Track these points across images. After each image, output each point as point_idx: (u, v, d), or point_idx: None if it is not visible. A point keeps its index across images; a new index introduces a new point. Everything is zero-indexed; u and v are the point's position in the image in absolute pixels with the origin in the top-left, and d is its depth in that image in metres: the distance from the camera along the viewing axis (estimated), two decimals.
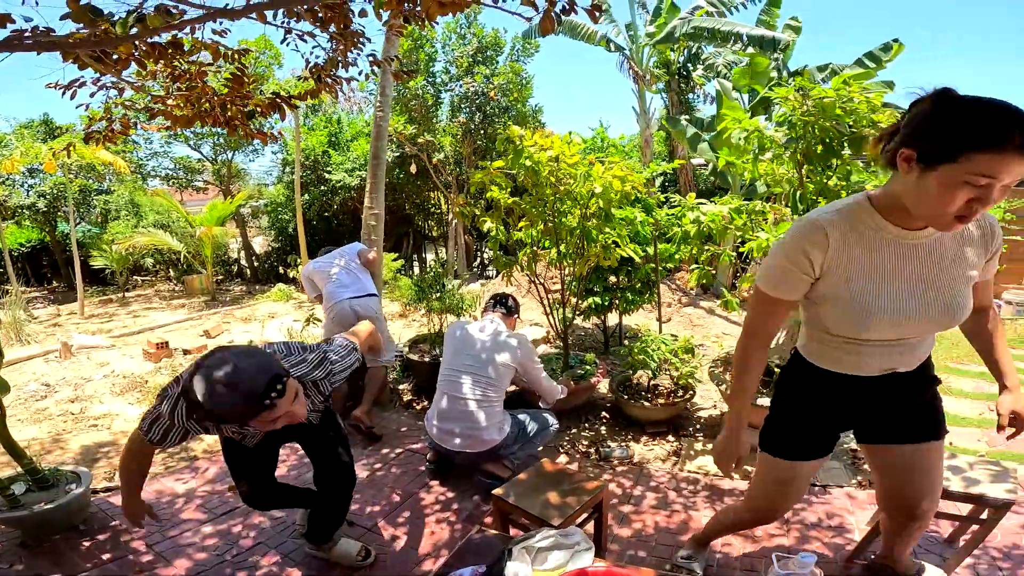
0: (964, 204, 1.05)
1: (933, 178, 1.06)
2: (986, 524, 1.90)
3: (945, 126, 1.04)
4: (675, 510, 2.55)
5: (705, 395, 3.73)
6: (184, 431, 1.65)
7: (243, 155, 12.29)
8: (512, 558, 1.37)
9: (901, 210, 1.20)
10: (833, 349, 1.41)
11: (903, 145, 1.12)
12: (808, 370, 1.51)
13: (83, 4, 1.87)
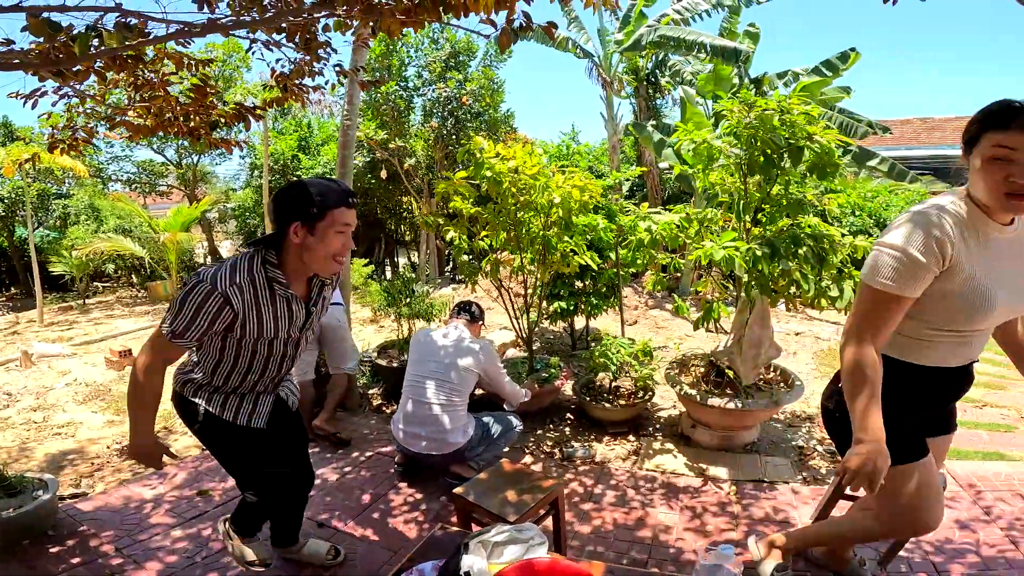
0: (1003, 179, 1.27)
1: (976, 158, 1.32)
2: None
3: (975, 119, 1.33)
4: (633, 507, 2.67)
5: (665, 396, 3.88)
6: (221, 304, 1.54)
7: (209, 159, 12.11)
8: (468, 552, 1.46)
9: (985, 206, 1.36)
10: (928, 343, 1.46)
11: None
12: (898, 368, 1.50)
13: (42, 19, 1.89)
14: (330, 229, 1.56)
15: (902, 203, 8.55)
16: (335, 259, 1.61)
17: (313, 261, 1.61)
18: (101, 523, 2.62)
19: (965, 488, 2.71)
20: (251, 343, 1.67)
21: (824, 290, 2.53)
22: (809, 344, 5.63)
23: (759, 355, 2.86)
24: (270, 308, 1.63)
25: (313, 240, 1.56)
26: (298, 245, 1.57)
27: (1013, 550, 2.22)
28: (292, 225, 1.55)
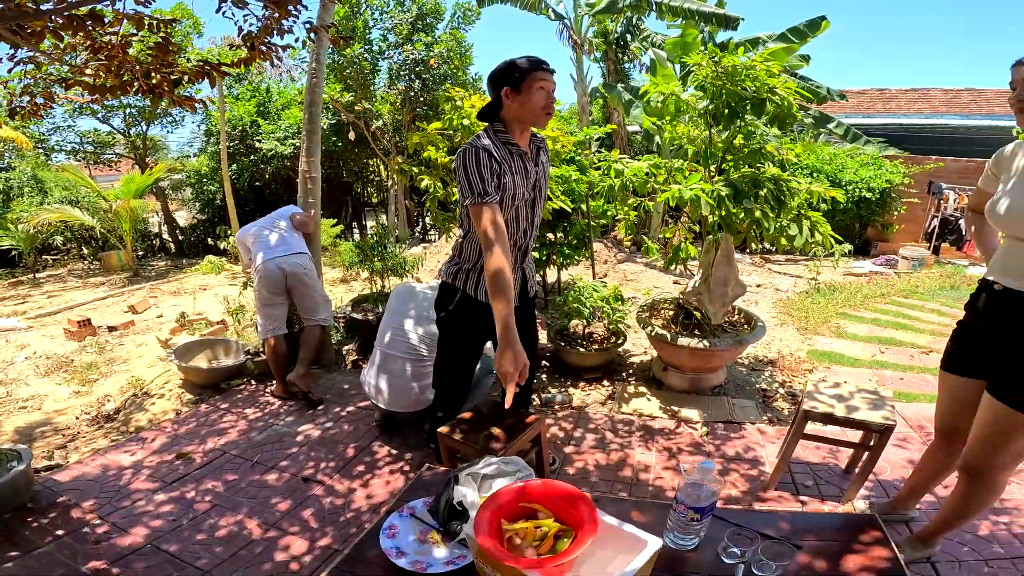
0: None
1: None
2: (873, 450, 2.16)
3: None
4: (612, 449, 2.80)
5: (637, 343, 4.01)
6: (488, 156, 1.82)
7: (160, 126, 11.53)
8: (459, 483, 1.52)
9: None
10: None
11: None
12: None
13: None
14: (532, 86, 1.84)
15: (856, 165, 8.86)
16: (545, 111, 1.88)
17: (527, 114, 1.87)
18: (81, 492, 2.59)
19: (916, 429, 2.91)
20: (508, 206, 1.92)
21: (783, 229, 2.66)
22: (769, 295, 5.88)
23: (726, 293, 3.00)
24: (510, 164, 1.90)
25: (523, 98, 1.85)
26: (512, 106, 1.87)
27: None
28: (504, 90, 1.86)
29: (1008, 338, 1.59)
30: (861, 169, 8.82)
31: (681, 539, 1.30)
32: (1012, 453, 1.61)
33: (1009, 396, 1.56)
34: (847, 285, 6.20)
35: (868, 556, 1.24)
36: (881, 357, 3.94)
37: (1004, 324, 1.60)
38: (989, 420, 1.61)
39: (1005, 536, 2.06)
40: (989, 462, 1.65)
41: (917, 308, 5.27)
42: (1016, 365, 1.55)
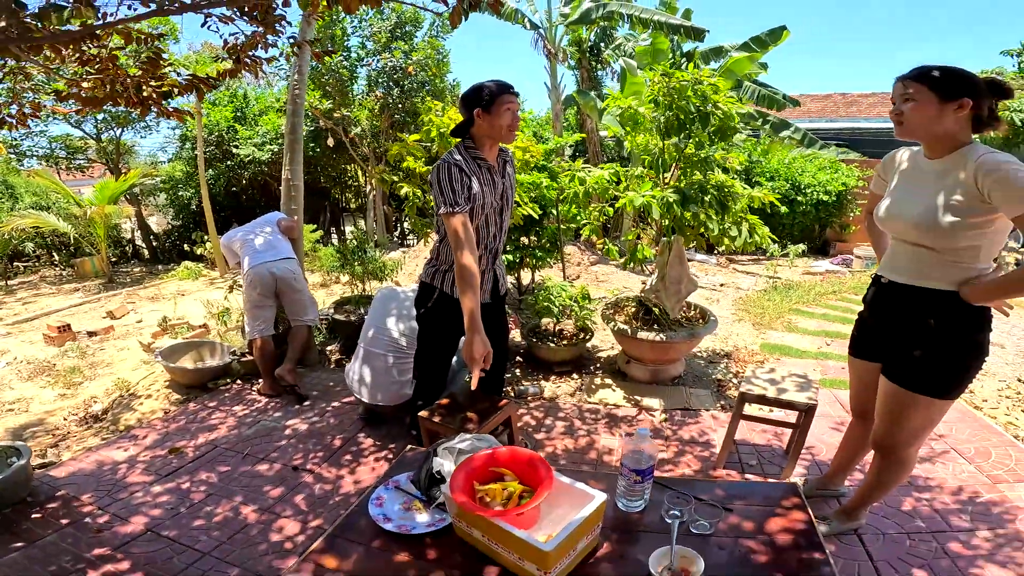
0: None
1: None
2: (800, 428, 2.43)
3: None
4: (580, 435, 3.05)
5: (604, 340, 4.29)
6: (459, 170, 2.07)
7: (133, 132, 11.45)
8: (438, 455, 1.74)
9: None
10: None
11: None
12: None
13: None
14: (500, 107, 2.07)
15: (814, 169, 9.32)
16: (510, 129, 2.12)
17: (496, 132, 2.11)
18: (79, 486, 2.70)
19: (851, 414, 3.20)
20: (478, 214, 2.16)
21: (726, 230, 2.96)
22: (731, 294, 6.24)
23: (680, 290, 3.30)
24: (479, 177, 2.14)
25: (492, 118, 2.08)
26: (483, 124, 2.10)
27: None
28: (475, 110, 2.09)
29: (893, 325, 1.80)
30: (819, 173, 9.29)
31: (629, 502, 1.55)
32: (910, 430, 1.80)
33: (899, 377, 1.77)
34: (803, 283, 6.59)
35: (788, 518, 1.48)
36: (827, 349, 4.27)
37: (889, 313, 1.82)
38: (886, 400, 1.82)
39: (927, 511, 2.30)
40: (892, 439, 1.84)
41: None
42: (902, 349, 1.77)
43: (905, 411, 1.78)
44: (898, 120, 1.66)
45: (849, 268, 8.05)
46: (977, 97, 1.57)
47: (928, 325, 1.71)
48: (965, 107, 1.56)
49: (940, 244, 1.63)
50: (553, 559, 1.18)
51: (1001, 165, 1.49)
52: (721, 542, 1.40)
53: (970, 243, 1.61)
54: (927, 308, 1.70)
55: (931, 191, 1.64)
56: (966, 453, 2.74)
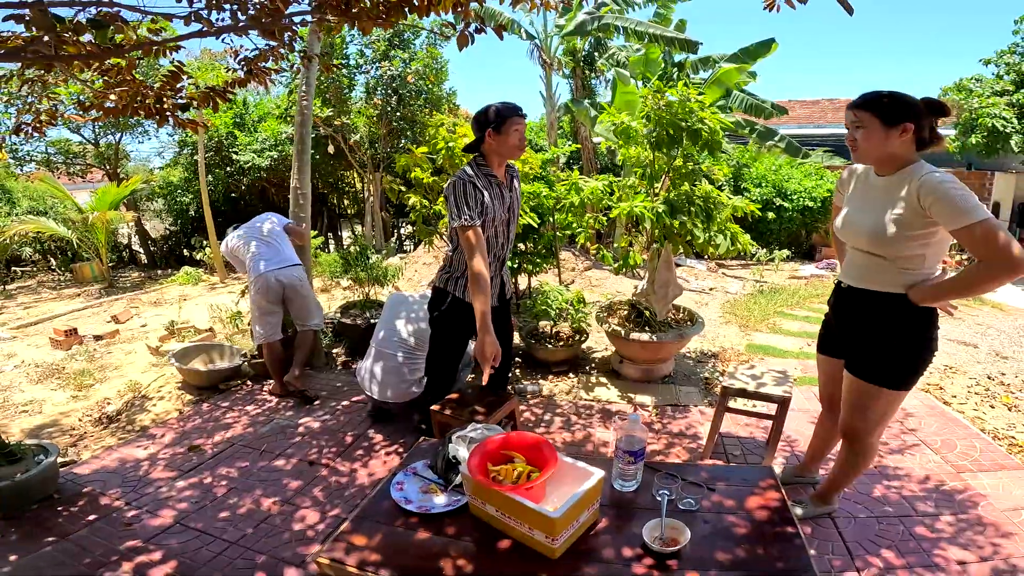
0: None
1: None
2: (776, 419, 2.65)
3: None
4: (576, 429, 3.25)
5: (599, 341, 4.50)
6: (472, 186, 2.26)
7: (131, 137, 11.56)
8: (452, 443, 1.92)
9: None
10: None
11: None
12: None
13: (46, 11, 2.09)
14: (509, 128, 2.28)
15: (800, 175, 9.60)
16: (518, 148, 2.33)
17: (505, 151, 2.32)
18: (104, 483, 2.82)
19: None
20: (488, 226, 2.36)
21: (711, 239, 3.18)
22: (720, 297, 6.49)
23: (668, 293, 3.53)
24: (489, 192, 2.32)
25: (502, 138, 2.28)
26: (493, 143, 2.30)
27: (877, 460, 2.76)
28: (487, 131, 2.29)
29: (853, 325, 1.99)
30: (805, 179, 9.57)
31: (624, 483, 1.75)
32: (872, 419, 1.97)
33: (860, 371, 1.95)
34: (788, 287, 6.84)
35: (764, 497, 1.68)
36: (808, 349, 4.50)
37: (848, 314, 2.01)
38: (849, 392, 2.00)
39: (895, 498, 2.49)
40: (855, 428, 2.01)
41: None
42: (861, 346, 1.95)
43: (866, 402, 1.96)
44: (853, 147, 1.84)
45: (833, 272, 8.32)
46: (918, 120, 1.74)
47: (881, 324, 1.88)
48: (908, 131, 1.74)
49: (889, 253, 1.81)
50: (560, 526, 1.37)
51: (938, 186, 1.66)
52: (705, 517, 1.59)
53: (915, 252, 1.78)
54: (880, 309, 1.88)
55: (880, 205, 1.82)
56: (933, 445, 2.96)
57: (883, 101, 1.76)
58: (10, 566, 2.19)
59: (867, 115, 1.77)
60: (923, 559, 2.09)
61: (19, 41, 2.30)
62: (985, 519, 2.32)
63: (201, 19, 2.51)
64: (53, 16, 2.13)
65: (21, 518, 2.53)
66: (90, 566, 2.18)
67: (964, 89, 9.12)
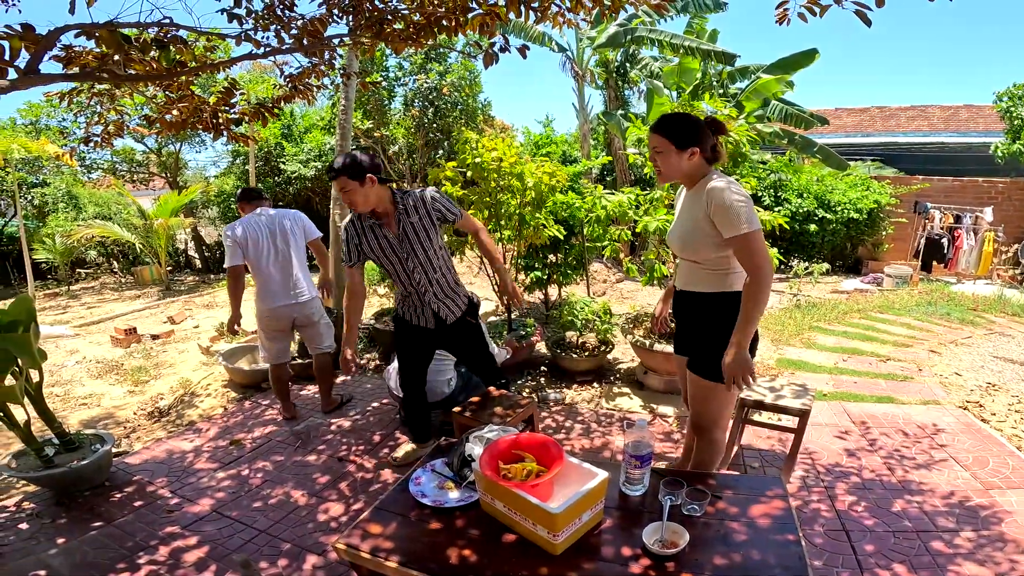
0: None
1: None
2: (797, 431, 2.64)
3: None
4: (595, 436, 3.29)
5: (625, 352, 4.52)
6: (357, 235, 2.50)
7: (189, 147, 12.26)
8: (469, 442, 2.02)
9: None
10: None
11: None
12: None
13: (115, 32, 2.31)
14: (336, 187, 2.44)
15: (844, 187, 9.31)
16: (351, 207, 2.44)
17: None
18: (152, 472, 3.05)
19: (857, 424, 3.34)
20: (380, 262, 2.56)
21: None
22: None
23: None
24: (367, 235, 2.51)
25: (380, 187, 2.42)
26: (374, 188, 2.40)
27: (888, 475, 2.76)
28: (368, 176, 2.36)
29: (686, 324, 2.18)
30: (849, 190, 9.26)
31: (631, 488, 1.80)
32: (711, 412, 2.12)
33: (696, 367, 2.10)
34: (827, 302, 6.65)
35: (768, 506, 1.70)
36: (843, 365, 4.39)
37: (682, 315, 2.20)
38: (691, 388, 2.16)
39: (915, 512, 2.45)
40: (699, 421, 2.16)
41: (888, 322, 5.72)
42: (695, 344, 2.11)
43: (704, 397, 2.11)
44: (657, 170, 2.04)
45: (879, 287, 8.03)
46: (703, 143, 1.95)
47: (705, 322, 2.06)
48: (696, 154, 1.95)
49: (698, 257, 2.01)
50: (561, 522, 1.45)
51: (719, 194, 1.86)
52: (708, 522, 1.63)
53: (719, 254, 1.96)
54: (703, 308, 2.07)
55: (687, 216, 2.03)
56: (964, 461, 2.87)
57: (674, 127, 1.96)
58: (56, 548, 2.38)
59: (662, 140, 1.96)
60: (936, 574, 2.06)
61: (90, 58, 2.55)
62: (1007, 535, 2.26)
63: (250, 39, 2.75)
64: (122, 36, 2.37)
65: (73, 503, 2.74)
66: (131, 550, 2.36)
67: (1014, 96, 8.74)
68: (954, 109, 14.89)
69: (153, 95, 3.26)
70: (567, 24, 2.96)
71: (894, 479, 2.73)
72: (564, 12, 2.74)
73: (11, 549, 2.39)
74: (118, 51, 2.38)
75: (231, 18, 2.76)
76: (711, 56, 7.79)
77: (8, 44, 1.64)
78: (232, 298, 3.52)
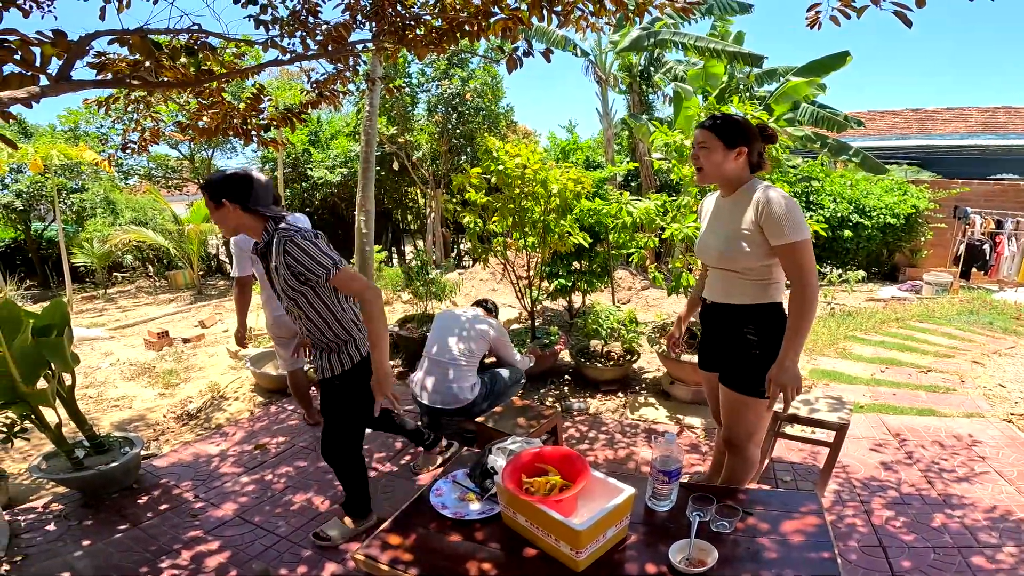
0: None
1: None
2: (833, 446, 2.53)
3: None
4: (620, 447, 3.22)
5: (652, 361, 4.43)
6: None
7: (221, 153, 12.57)
8: (492, 454, 1.99)
9: None
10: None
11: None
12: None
13: (147, 39, 2.35)
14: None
15: (880, 191, 9.03)
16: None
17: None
18: (178, 476, 3.09)
19: (894, 437, 3.22)
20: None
21: None
22: None
23: None
24: (257, 262, 2.31)
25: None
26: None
27: (928, 488, 2.66)
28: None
29: (718, 339, 2.09)
30: (885, 195, 8.98)
31: (658, 503, 1.74)
32: (746, 428, 2.03)
33: (730, 382, 2.02)
34: (863, 310, 6.44)
35: (802, 522, 1.63)
36: (880, 376, 4.22)
37: (713, 328, 2.12)
38: (724, 403, 2.08)
39: (956, 528, 2.35)
40: (734, 437, 2.07)
41: (928, 332, 5.50)
42: (728, 358, 2.03)
43: (738, 412, 2.02)
44: (698, 166, 1.96)
45: (918, 294, 7.74)
46: (751, 144, 1.89)
47: (742, 335, 1.97)
48: (743, 154, 1.89)
49: (737, 267, 1.91)
50: (584, 539, 1.40)
51: (773, 200, 1.78)
52: (737, 539, 1.56)
53: (762, 263, 1.88)
54: (739, 321, 1.97)
55: (726, 224, 1.94)
56: (1008, 475, 2.73)
57: (726, 124, 1.90)
58: (81, 551, 2.42)
59: (711, 136, 1.90)
60: None
61: (123, 65, 2.60)
62: None
63: (276, 46, 2.78)
64: (153, 43, 2.41)
65: (101, 505, 2.78)
66: (154, 553, 2.38)
67: None
68: (992, 111, 14.38)
69: (185, 102, 3.31)
70: (590, 28, 2.92)
71: (934, 493, 2.63)
72: (587, 16, 2.69)
73: (38, 550, 2.44)
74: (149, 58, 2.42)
75: (258, 24, 2.81)
76: (737, 59, 7.64)
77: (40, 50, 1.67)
78: (238, 309, 3.49)
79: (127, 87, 2.52)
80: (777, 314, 1.93)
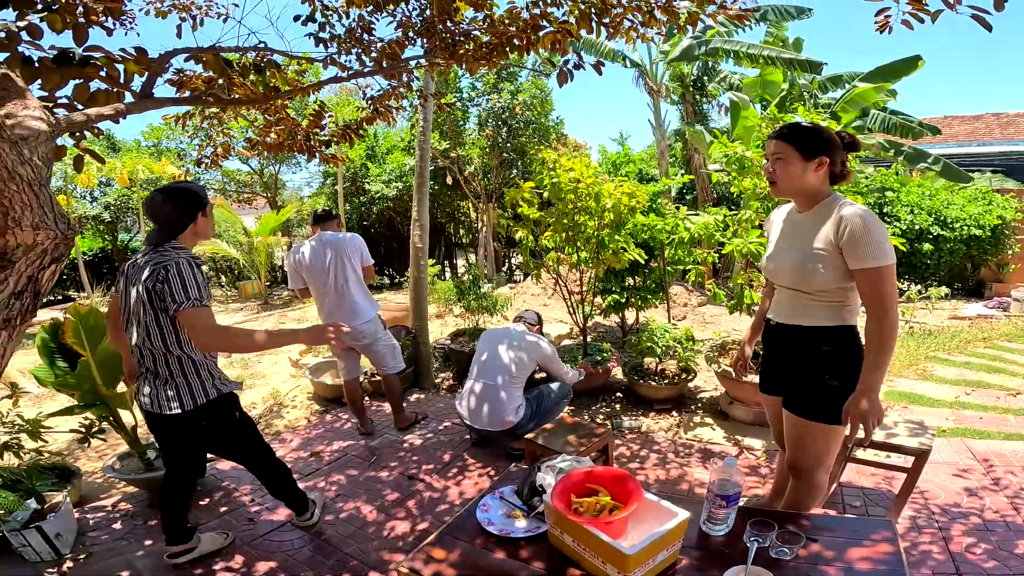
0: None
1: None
2: (911, 472, 2.35)
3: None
4: (672, 467, 3.09)
5: (708, 380, 4.25)
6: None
7: (287, 168, 13.21)
8: (541, 471, 1.94)
9: None
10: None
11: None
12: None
13: (219, 57, 2.50)
14: (209, 209, 2.12)
15: (962, 200, 8.39)
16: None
17: (209, 232, 2.15)
18: (238, 479, 3.19)
19: (979, 462, 2.96)
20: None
21: None
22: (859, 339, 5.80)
23: None
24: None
25: (208, 220, 2.13)
26: (203, 224, 2.11)
27: (1014, 515, 2.45)
28: (200, 212, 2.07)
29: (784, 362, 1.96)
30: (968, 205, 8.33)
31: (713, 526, 1.65)
32: (814, 455, 1.91)
33: (796, 408, 1.89)
34: (946, 329, 5.96)
35: (872, 550, 1.50)
36: (965, 399, 3.88)
37: (779, 351, 2.00)
38: (789, 429, 1.96)
39: None
40: (800, 464, 1.94)
41: (1018, 352, 5.02)
42: (795, 383, 1.90)
43: (806, 438, 1.90)
44: (771, 178, 1.84)
45: (1006, 312, 7.11)
46: (832, 154, 1.76)
47: (813, 359, 1.85)
48: (823, 164, 1.75)
49: (812, 287, 1.79)
50: (633, 563, 1.33)
51: (857, 221, 1.65)
52: (799, 566, 1.45)
53: (838, 285, 1.75)
54: (809, 344, 1.86)
55: (802, 242, 1.81)
56: None
57: (803, 133, 1.78)
58: (143, 550, 2.53)
59: (787, 146, 1.78)
60: None
61: (199, 82, 2.77)
62: None
63: (336, 63, 2.89)
64: (224, 60, 2.56)
65: None
66: (210, 555, 2.45)
67: None
68: None
69: (254, 118, 3.49)
70: (640, 39, 2.87)
71: (1020, 519, 2.41)
72: (637, 27, 2.65)
73: (103, 548, 2.56)
74: (222, 75, 2.56)
75: (317, 42, 2.93)
76: (795, 65, 7.35)
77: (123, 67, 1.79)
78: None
79: (203, 104, 2.67)
80: (851, 338, 1.80)
